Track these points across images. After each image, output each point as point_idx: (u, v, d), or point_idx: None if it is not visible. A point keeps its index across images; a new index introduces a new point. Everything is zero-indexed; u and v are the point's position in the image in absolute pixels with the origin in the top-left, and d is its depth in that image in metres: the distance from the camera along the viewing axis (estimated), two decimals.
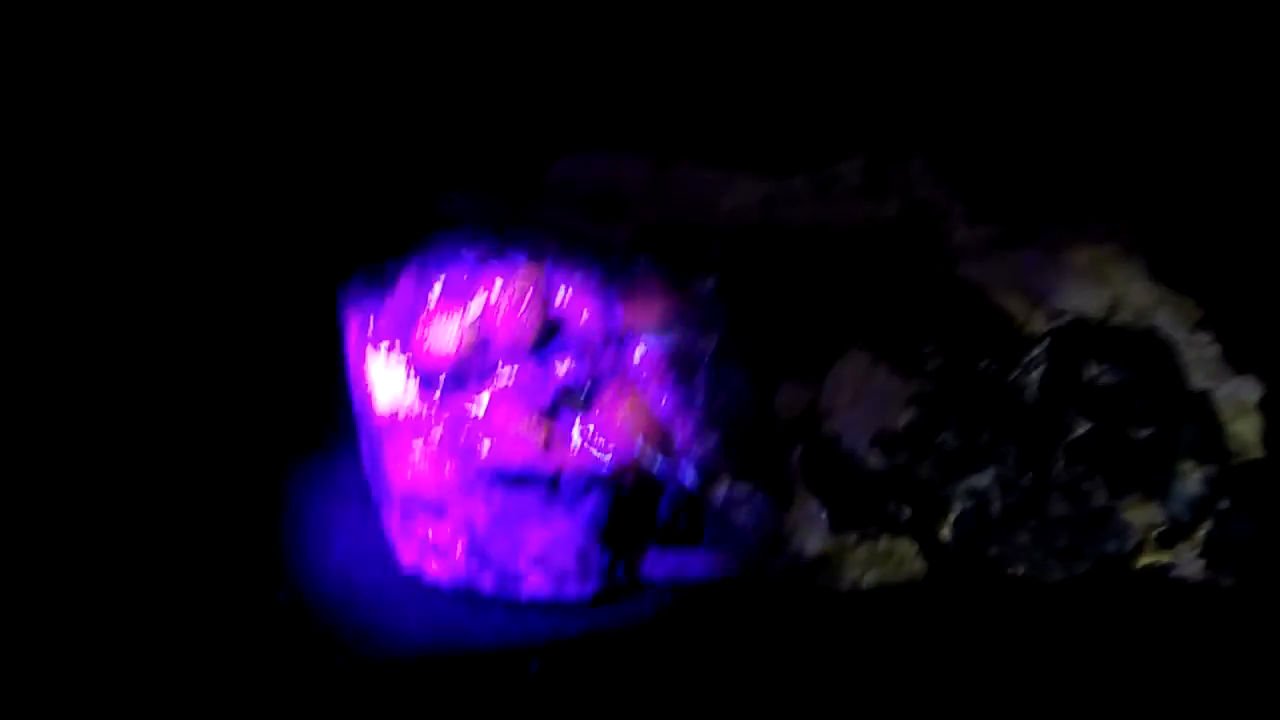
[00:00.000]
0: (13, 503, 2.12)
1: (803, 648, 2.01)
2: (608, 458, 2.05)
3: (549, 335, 2.12)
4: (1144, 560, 2.07)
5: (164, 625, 2.00)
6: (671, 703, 1.96)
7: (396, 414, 2.10)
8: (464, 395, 2.08)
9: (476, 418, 2.06)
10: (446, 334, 2.10)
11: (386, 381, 2.12)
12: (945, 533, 2.07)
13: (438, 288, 2.18)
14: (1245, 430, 2.22)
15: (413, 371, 2.11)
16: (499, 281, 2.16)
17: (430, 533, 2.09)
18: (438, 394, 2.09)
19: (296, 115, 2.76)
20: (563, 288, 2.18)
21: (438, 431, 2.06)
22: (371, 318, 2.18)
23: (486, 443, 2.04)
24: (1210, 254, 2.68)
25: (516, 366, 2.10)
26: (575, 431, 2.06)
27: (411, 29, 2.85)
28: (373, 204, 2.70)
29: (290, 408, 2.37)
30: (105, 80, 2.55)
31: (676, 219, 2.44)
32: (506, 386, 2.08)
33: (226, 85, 2.69)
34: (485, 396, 2.07)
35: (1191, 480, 2.09)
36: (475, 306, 2.14)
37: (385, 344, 2.14)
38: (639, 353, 2.14)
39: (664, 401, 2.11)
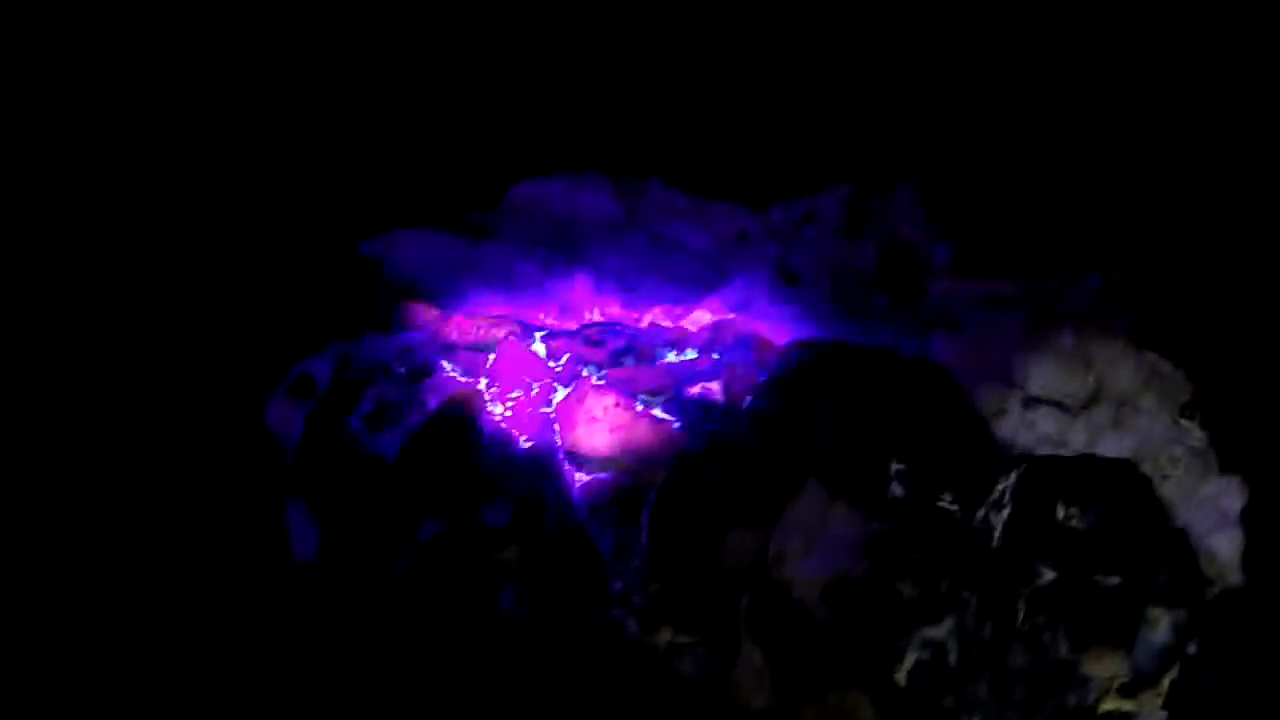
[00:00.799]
0: None
1: None
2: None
3: (482, 486, 1.94)
4: (1104, 708, 1.98)
5: None
6: None
7: (313, 562, 1.95)
8: (386, 560, 1.92)
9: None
10: (370, 482, 1.92)
11: (303, 531, 1.95)
12: (898, 683, 1.97)
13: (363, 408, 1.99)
14: (1224, 547, 2.11)
15: (331, 523, 1.94)
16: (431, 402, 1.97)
17: None
18: (357, 555, 1.93)
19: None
20: (499, 406, 1.99)
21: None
22: (291, 447, 1.99)
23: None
24: (1205, 307, 2.49)
25: (443, 523, 1.93)
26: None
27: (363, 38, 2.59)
28: (306, 254, 2.48)
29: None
30: None
31: (638, 300, 2.26)
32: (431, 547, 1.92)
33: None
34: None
35: (1160, 629, 1.98)
36: (397, 440, 1.95)
37: (303, 484, 1.97)
38: (579, 485, 1.98)
39: (602, 543, 1.96)
